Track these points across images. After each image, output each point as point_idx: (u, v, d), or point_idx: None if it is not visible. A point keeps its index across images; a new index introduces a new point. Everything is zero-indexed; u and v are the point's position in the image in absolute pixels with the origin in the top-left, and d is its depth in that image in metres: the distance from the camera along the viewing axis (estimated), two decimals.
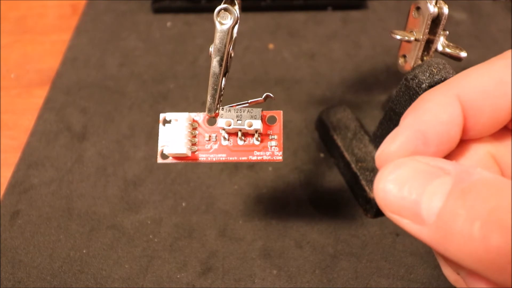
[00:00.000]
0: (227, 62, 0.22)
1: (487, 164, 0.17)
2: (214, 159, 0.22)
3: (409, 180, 0.14)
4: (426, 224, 0.13)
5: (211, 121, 0.22)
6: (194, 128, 0.22)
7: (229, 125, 0.21)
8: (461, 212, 0.12)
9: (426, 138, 0.15)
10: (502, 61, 0.16)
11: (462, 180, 0.13)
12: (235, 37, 0.22)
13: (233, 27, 0.21)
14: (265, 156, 0.22)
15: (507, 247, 0.11)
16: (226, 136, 0.22)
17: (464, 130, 0.16)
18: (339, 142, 0.31)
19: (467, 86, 0.16)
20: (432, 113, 0.16)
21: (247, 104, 0.22)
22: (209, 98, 0.22)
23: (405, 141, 0.16)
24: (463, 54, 0.24)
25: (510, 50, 0.16)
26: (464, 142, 0.17)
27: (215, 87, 0.21)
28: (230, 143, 0.22)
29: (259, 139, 0.22)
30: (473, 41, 0.41)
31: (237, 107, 0.21)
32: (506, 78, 0.15)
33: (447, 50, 0.25)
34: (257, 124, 0.21)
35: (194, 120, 0.22)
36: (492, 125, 0.16)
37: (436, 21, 0.24)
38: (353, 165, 0.30)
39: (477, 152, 0.17)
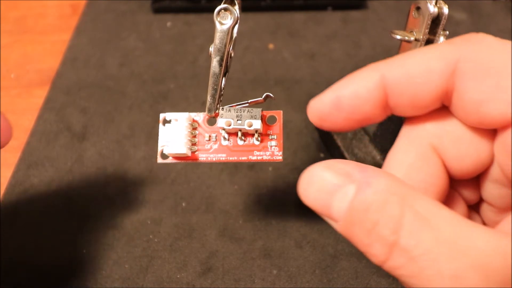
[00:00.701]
0: (227, 62, 0.22)
1: (426, 157, 0.18)
2: (214, 159, 0.22)
3: (321, 191, 0.17)
4: (337, 222, 0.16)
5: (211, 121, 0.22)
6: (194, 128, 0.22)
7: (229, 125, 0.21)
8: (356, 221, 0.15)
9: (339, 105, 0.18)
10: (440, 49, 0.17)
11: (361, 190, 0.15)
12: (235, 37, 0.22)
13: (233, 27, 0.21)
14: (265, 156, 0.22)
15: (385, 255, 0.14)
16: (226, 136, 0.22)
17: (386, 108, 0.18)
18: (339, 142, 0.31)
19: (394, 68, 0.17)
20: (350, 84, 0.18)
21: (247, 104, 0.22)
22: (209, 98, 0.22)
23: (326, 102, 0.19)
24: None
25: (458, 37, 0.17)
26: (409, 133, 0.19)
27: (215, 87, 0.21)
28: (230, 143, 0.22)
29: (259, 139, 0.22)
30: None
31: (237, 107, 0.21)
32: (436, 67, 0.17)
33: None
34: (257, 124, 0.21)
35: (194, 120, 0.22)
36: (414, 109, 0.18)
37: (436, 21, 0.24)
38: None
39: (420, 144, 0.19)
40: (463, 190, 0.21)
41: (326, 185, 0.16)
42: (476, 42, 0.17)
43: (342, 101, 0.18)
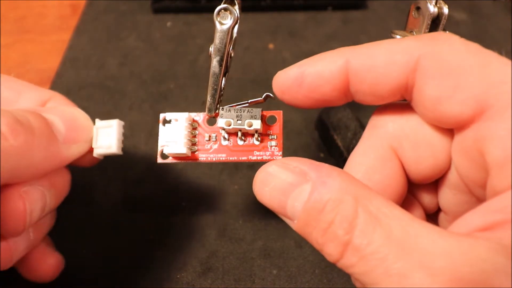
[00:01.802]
0: (227, 62, 0.22)
1: (385, 159, 0.19)
2: (214, 159, 0.22)
3: (276, 190, 0.17)
4: (293, 221, 0.16)
5: (211, 121, 0.22)
6: (194, 128, 0.22)
7: (229, 125, 0.21)
8: (311, 221, 0.16)
9: (301, 81, 0.19)
10: (406, 43, 0.17)
11: (316, 190, 0.15)
12: (235, 37, 0.22)
13: (233, 27, 0.21)
14: (265, 156, 0.22)
15: (339, 254, 0.15)
16: (226, 136, 0.22)
17: (347, 93, 0.19)
18: (339, 142, 0.31)
19: (359, 55, 0.18)
20: (315, 63, 0.19)
21: (247, 104, 0.22)
22: (209, 98, 0.22)
23: (289, 76, 0.19)
24: None
25: (426, 34, 0.18)
26: (370, 135, 0.20)
27: (215, 87, 0.21)
28: (230, 143, 0.22)
29: (259, 139, 0.22)
30: (473, 41, 0.41)
31: (237, 107, 0.21)
32: (398, 60, 0.17)
33: None
34: (257, 124, 0.21)
35: (194, 120, 0.22)
36: (374, 97, 0.18)
37: (436, 21, 0.24)
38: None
39: (380, 146, 0.19)
40: (422, 197, 0.21)
41: (281, 184, 0.17)
42: (441, 40, 0.17)
43: (305, 78, 0.19)
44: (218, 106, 0.22)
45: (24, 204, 0.20)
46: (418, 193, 0.22)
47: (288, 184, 0.16)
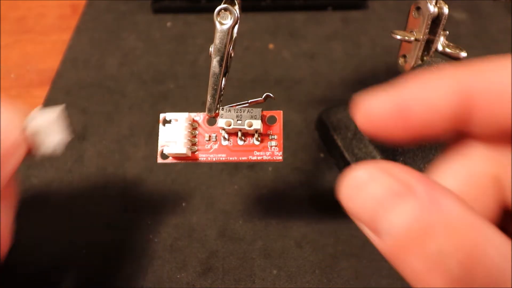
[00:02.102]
0: (227, 62, 0.22)
1: (484, 187, 0.15)
2: (214, 159, 0.22)
3: (371, 199, 0.14)
4: (382, 238, 0.13)
5: (211, 121, 0.22)
6: (194, 128, 0.22)
7: (229, 125, 0.21)
8: (412, 245, 0.12)
9: (406, 114, 0.14)
10: None
11: (425, 209, 0.12)
12: (235, 37, 0.22)
13: (233, 27, 0.21)
14: (265, 156, 0.22)
15: (443, 284, 0.12)
16: (226, 136, 0.22)
17: (459, 123, 0.14)
18: (339, 142, 0.31)
19: (485, 79, 0.14)
20: (421, 91, 0.14)
21: (247, 104, 0.22)
22: (209, 98, 0.22)
23: (384, 109, 0.14)
24: (463, 54, 0.24)
25: None
26: (474, 150, 0.15)
27: (215, 87, 0.21)
28: (230, 143, 0.22)
29: (259, 139, 0.22)
30: (473, 41, 0.41)
31: (237, 107, 0.21)
32: None
33: (447, 50, 0.25)
34: (257, 124, 0.21)
35: (194, 120, 0.22)
36: (496, 130, 0.14)
37: (436, 21, 0.24)
38: (353, 165, 0.30)
39: (482, 168, 0.15)
40: None
41: (380, 193, 0.13)
42: None
43: (410, 111, 0.14)
44: (218, 106, 0.22)
45: None
46: None
47: (388, 194, 0.13)
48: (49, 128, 0.19)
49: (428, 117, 0.14)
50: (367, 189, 0.14)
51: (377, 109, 0.14)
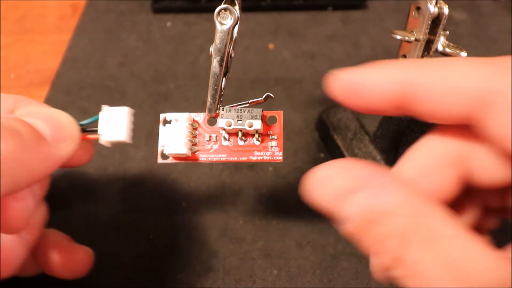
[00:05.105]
0: (227, 62, 0.22)
1: (447, 162, 0.18)
2: (214, 159, 0.22)
3: (332, 193, 0.16)
4: (346, 223, 0.16)
5: (212, 121, 0.22)
6: (195, 128, 0.22)
7: (230, 125, 0.21)
8: (367, 228, 0.15)
9: (359, 89, 0.18)
10: (477, 69, 0.16)
11: (377, 197, 0.15)
12: (235, 37, 0.22)
13: (233, 27, 0.21)
14: (265, 156, 0.22)
15: (389, 265, 0.15)
16: (227, 136, 0.22)
17: (400, 108, 0.17)
18: (339, 142, 0.31)
19: (423, 75, 0.17)
20: (374, 76, 0.18)
21: (247, 104, 0.22)
22: (209, 98, 0.22)
23: (346, 84, 0.18)
24: (463, 54, 0.24)
25: (499, 60, 0.16)
26: (437, 136, 0.18)
27: (215, 87, 0.21)
28: (231, 143, 0.22)
29: (260, 139, 0.21)
30: (473, 41, 0.41)
31: (237, 107, 0.21)
32: (468, 90, 0.16)
33: (447, 50, 0.25)
34: (258, 124, 0.21)
35: (194, 120, 0.22)
36: (433, 119, 0.17)
37: (436, 21, 0.24)
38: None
39: (444, 148, 0.18)
40: (488, 195, 0.20)
41: (338, 187, 0.16)
42: None
43: (362, 88, 0.18)
44: (218, 106, 0.22)
45: (19, 202, 0.20)
46: (480, 194, 0.20)
47: (346, 188, 0.16)
48: (114, 120, 0.22)
49: (372, 94, 0.18)
50: (326, 186, 0.16)
51: (340, 82, 0.18)
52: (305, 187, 0.17)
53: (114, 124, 0.22)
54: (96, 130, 0.22)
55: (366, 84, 0.18)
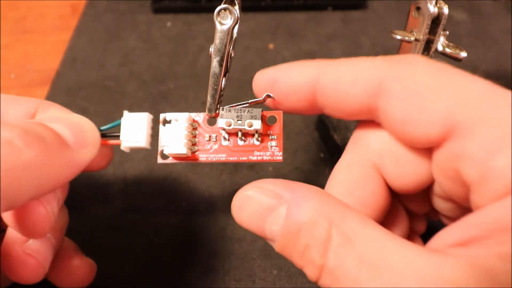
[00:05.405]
0: (227, 62, 0.22)
1: (367, 174, 0.19)
2: (214, 159, 0.22)
3: (253, 215, 0.17)
4: (273, 243, 0.17)
5: (211, 121, 0.22)
6: (194, 128, 0.22)
7: (229, 125, 0.21)
8: (289, 244, 0.16)
9: (273, 86, 0.20)
10: (371, 63, 0.18)
11: (291, 213, 0.16)
12: (235, 37, 0.22)
13: (233, 27, 0.21)
14: (265, 156, 0.22)
15: (316, 276, 0.16)
16: (226, 136, 0.22)
17: (314, 104, 0.19)
18: (339, 142, 0.31)
19: (328, 70, 0.19)
20: (287, 72, 0.20)
21: (247, 104, 0.22)
22: (209, 98, 0.22)
23: (266, 79, 0.20)
24: (463, 54, 0.24)
25: (393, 56, 0.18)
26: (353, 151, 0.20)
27: (215, 87, 0.21)
28: (230, 143, 0.22)
29: (259, 139, 0.21)
30: (473, 41, 0.41)
31: (237, 107, 0.21)
32: (361, 79, 0.17)
33: (447, 50, 0.25)
34: (257, 124, 0.21)
35: (194, 120, 0.22)
36: (340, 113, 0.19)
37: (436, 21, 0.24)
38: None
39: (362, 162, 0.19)
40: (411, 203, 0.21)
41: (257, 209, 0.17)
42: (406, 63, 0.17)
43: (276, 83, 0.20)
44: (218, 106, 0.22)
45: (45, 207, 0.20)
46: (407, 200, 0.22)
47: (264, 208, 0.17)
48: (135, 126, 0.22)
49: (285, 90, 0.20)
50: (248, 210, 0.17)
51: (259, 80, 0.21)
52: (233, 211, 0.18)
53: (135, 130, 0.22)
54: (115, 136, 0.22)
55: (280, 80, 0.20)
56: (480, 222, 0.14)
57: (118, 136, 0.22)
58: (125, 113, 0.22)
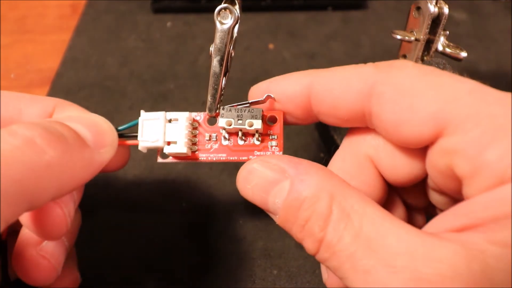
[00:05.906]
0: (227, 62, 0.22)
1: (362, 166, 0.20)
2: (214, 159, 0.22)
3: (257, 187, 0.18)
4: (275, 216, 0.18)
5: (212, 120, 0.22)
6: (195, 128, 0.22)
7: (230, 125, 0.21)
8: (290, 217, 0.17)
9: (274, 94, 0.20)
10: (362, 70, 0.18)
11: (294, 187, 0.16)
12: (236, 37, 0.22)
13: (233, 27, 0.21)
14: None
15: (315, 249, 0.16)
16: (227, 135, 0.22)
17: (309, 112, 0.20)
18: (339, 142, 0.31)
19: (321, 78, 0.19)
20: (282, 82, 0.20)
21: (247, 104, 0.22)
22: (209, 98, 0.22)
23: (260, 91, 0.21)
24: (463, 54, 0.24)
25: (383, 62, 0.18)
26: (349, 143, 0.21)
27: (215, 86, 0.21)
28: (231, 143, 0.22)
29: (260, 139, 0.21)
30: (473, 41, 0.41)
31: (237, 107, 0.21)
32: (354, 85, 0.18)
33: (447, 50, 0.25)
34: (258, 124, 0.21)
35: (194, 120, 0.22)
36: (335, 120, 0.20)
37: (436, 21, 0.24)
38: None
39: (357, 154, 0.20)
40: (408, 196, 0.22)
41: (262, 182, 0.17)
42: (395, 67, 0.18)
43: (272, 94, 0.20)
44: (218, 106, 0.22)
45: (62, 209, 0.20)
46: (405, 193, 0.22)
47: (268, 181, 0.17)
48: (152, 126, 0.22)
49: (280, 100, 0.20)
50: (253, 182, 0.18)
51: (254, 93, 0.21)
52: (238, 183, 0.19)
53: (153, 130, 0.22)
54: (133, 136, 0.22)
55: (276, 90, 0.20)
56: (473, 210, 0.15)
57: (136, 136, 0.22)
58: (142, 112, 0.22)
